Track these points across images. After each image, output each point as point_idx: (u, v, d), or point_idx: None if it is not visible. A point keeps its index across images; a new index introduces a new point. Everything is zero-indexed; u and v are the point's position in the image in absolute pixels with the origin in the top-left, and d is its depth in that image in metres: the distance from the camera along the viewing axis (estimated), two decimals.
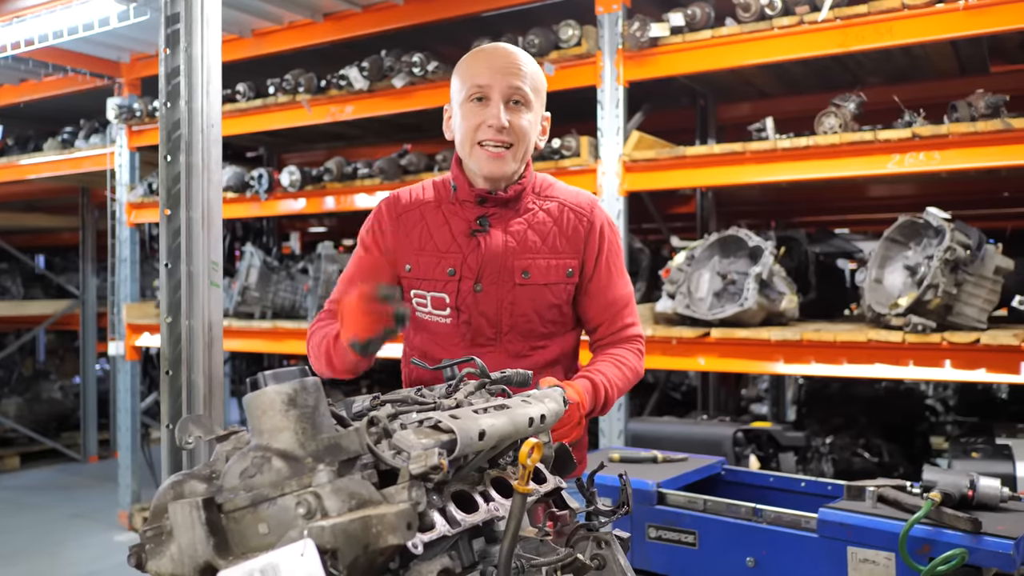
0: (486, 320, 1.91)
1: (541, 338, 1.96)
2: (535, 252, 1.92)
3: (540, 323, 1.94)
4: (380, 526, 0.94)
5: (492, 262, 1.90)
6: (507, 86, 1.86)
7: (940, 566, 1.99)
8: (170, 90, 2.12)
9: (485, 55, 1.92)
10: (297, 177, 5.17)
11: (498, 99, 1.85)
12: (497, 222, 1.93)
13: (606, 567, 1.36)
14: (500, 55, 1.90)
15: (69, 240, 8.77)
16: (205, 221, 2.14)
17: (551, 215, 1.96)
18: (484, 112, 1.86)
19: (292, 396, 1.02)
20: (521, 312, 1.92)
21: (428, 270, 1.93)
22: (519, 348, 1.94)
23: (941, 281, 3.37)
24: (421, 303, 1.96)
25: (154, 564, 1.04)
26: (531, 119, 1.90)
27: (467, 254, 1.91)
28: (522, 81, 1.87)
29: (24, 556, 5.17)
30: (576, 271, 1.96)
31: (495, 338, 1.92)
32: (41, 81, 6.32)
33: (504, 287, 1.91)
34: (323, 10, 4.90)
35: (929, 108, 3.69)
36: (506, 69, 1.87)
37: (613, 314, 2.01)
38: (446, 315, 1.93)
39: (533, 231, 1.94)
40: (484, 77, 1.86)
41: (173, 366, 2.15)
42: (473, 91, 1.87)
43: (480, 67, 1.88)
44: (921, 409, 5.63)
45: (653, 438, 3.80)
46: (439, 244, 1.94)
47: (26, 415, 8.06)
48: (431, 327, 1.96)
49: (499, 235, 1.92)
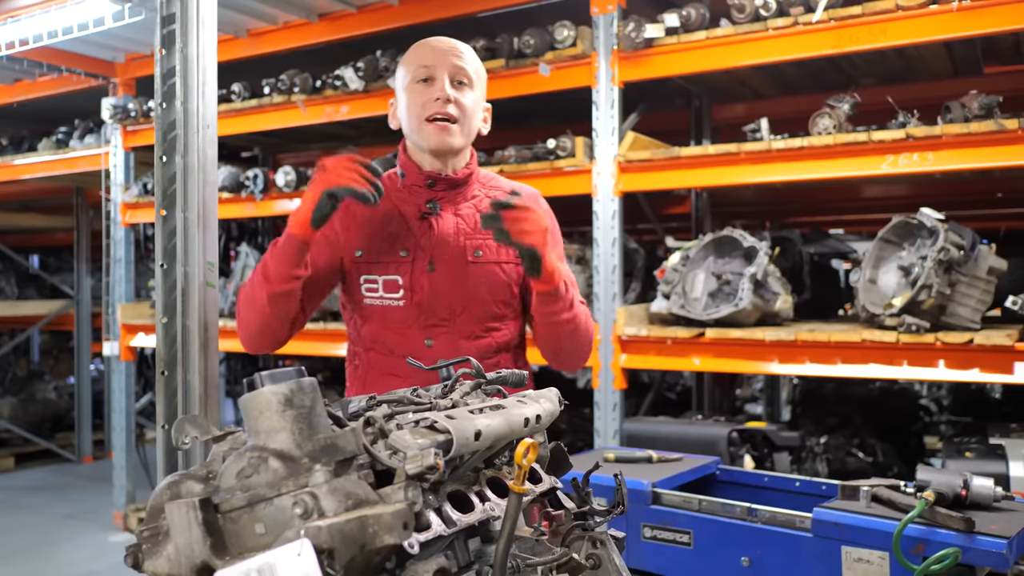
0: (439, 301, 1.95)
1: (494, 319, 2.01)
2: (486, 233, 1.96)
3: (493, 303, 2.00)
4: (376, 526, 0.94)
5: (444, 242, 1.97)
6: (451, 65, 1.97)
7: (933, 565, 2.00)
8: (166, 91, 2.12)
9: (429, 42, 2.03)
10: (292, 177, 5.17)
11: (443, 76, 1.96)
12: (447, 205, 2.01)
13: (601, 567, 1.37)
14: (444, 41, 2.02)
15: (64, 240, 8.75)
16: (201, 222, 2.14)
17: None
18: (431, 90, 1.96)
19: (289, 396, 1.02)
20: (474, 291, 1.97)
21: (380, 253, 1.98)
22: (473, 329, 1.98)
23: (935, 281, 3.39)
24: (372, 288, 1.98)
25: (151, 564, 1.04)
26: (475, 99, 2.01)
27: (419, 236, 1.97)
28: (464, 62, 1.99)
29: (19, 557, 5.16)
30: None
31: (449, 319, 1.96)
32: (36, 81, 6.30)
33: (457, 266, 1.96)
34: (318, 10, 4.90)
35: (923, 109, 3.70)
36: (450, 51, 1.99)
37: None
38: (399, 297, 1.96)
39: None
40: (429, 59, 1.97)
41: (169, 367, 2.15)
42: (419, 72, 1.97)
43: (425, 51, 2.00)
44: (915, 409, 5.64)
45: (648, 438, 3.80)
46: (390, 228, 1.99)
47: (20, 416, 8.04)
48: (383, 312, 1.98)
49: (450, 217, 2.00)
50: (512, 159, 4.45)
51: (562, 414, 4.61)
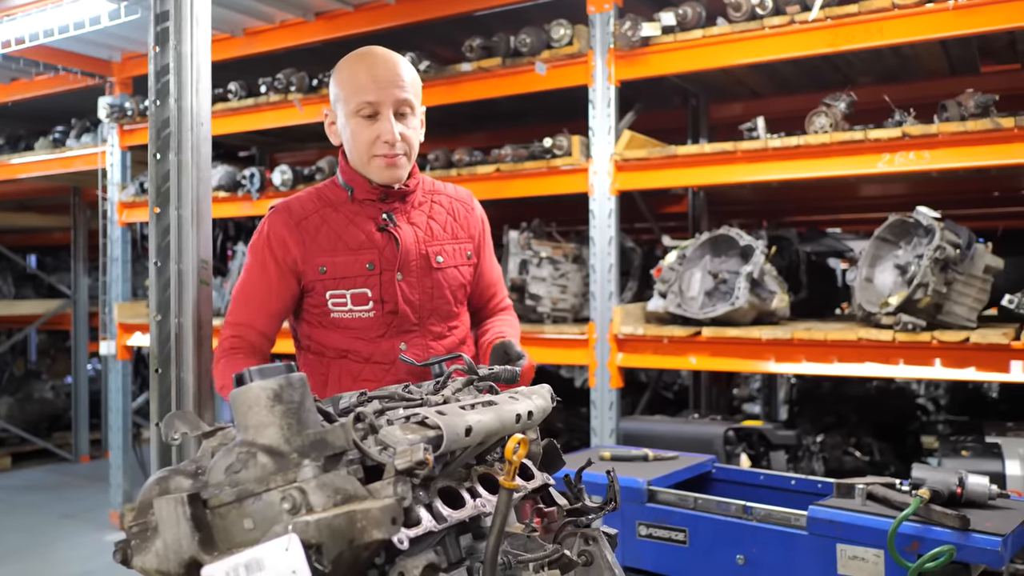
0: (410, 307, 2.03)
1: (454, 318, 2.13)
2: (441, 239, 2.10)
3: (453, 303, 2.12)
4: (365, 521, 0.94)
5: (409, 252, 2.04)
6: (395, 99, 1.96)
7: (928, 563, 2.00)
8: (159, 88, 2.12)
9: (367, 67, 1.98)
10: (289, 176, 5.17)
11: (388, 113, 1.96)
12: (400, 216, 2.06)
13: (593, 563, 1.37)
14: (383, 67, 1.98)
15: (61, 239, 8.74)
16: (195, 219, 2.13)
17: (444, 207, 2.15)
18: (376, 127, 1.97)
19: (278, 392, 1.02)
20: (440, 295, 2.07)
21: (346, 268, 2.01)
22: (439, 330, 2.09)
23: (931, 280, 3.38)
24: (340, 303, 2.01)
25: (139, 560, 1.04)
26: (416, 125, 2.04)
27: (382, 248, 2.03)
28: (406, 91, 1.98)
29: (15, 556, 5.15)
30: (474, 253, 2.17)
31: (418, 323, 2.05)
32: (32, 80, 6.29)
33: (424, 274, 2.05)
34: (315, 9, 4.89)
35: (920, 108, 3.70)
36: (392, 82, 1.96)
37: (493, 293, 2.28)
38: (368, 309, 2.02)
39: (434, 221, 2.11)
40: (372, 93, 1.95)
41: (162, 364, 2.14)
42: (362, 107, 1.96)
43: (365, 81, 1.96)
44: (912, 408, 5.64)
45: (644, 437, 3.80)
46: (350, 243, 2.02)
47: (17, 415, 8.03)
48: (352, 324, 2.03)
49: (406, 226, 2.06)
50: (508, 158, 4.45)
51: (559, 413, 4.65)
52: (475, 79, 4.44)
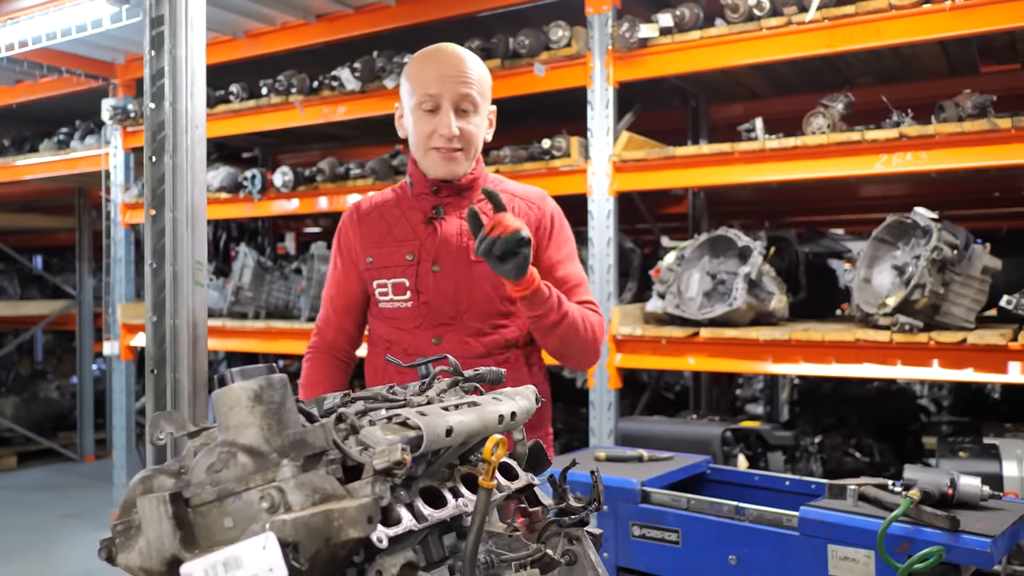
0: (444, 300, 2.02)
1: (500, 317, 2.05)
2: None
3: (497, 301, 2.04)
4: (341, 520, 0.95)
5: (448, 244, 2.02)
6: (456, 94, 1.96)
7: (917, 564, 2.01)
8: (155, 91, 2.14)
9: (434, 62, 1.99)
10: (290, 178, 5.19)
11: (448, 107, 1.96)
12: (452, 210, 2.06)
13: (577, 563, 1.38)
14: (449, 62, 1.98)
15: (66, 240, 8.78)
16: (190, 221, 2.15)
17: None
18: (435, 121, 1.97)
19: (258, 393, 1.03)
20: (479, 289, 2.02)
21: (389, 258, 2.06)
22: (479, 327, 2.03)
23: (928, 281, 3.39)
24: (383, 292, 2.07)
25: (123, 558, 1.05)
26: (479, 122, 2.02)
27: (424, 239, 2.04)
28: (470, 88, 1.97)
29: (19, 555, 5.19)
30: (530, 252, 2.00)
31: (455, 317, 2.02)
32: (36, 82, 6.33)
33: (461, 267, 2.02)
34: (316, 11, 4.92)
35: (920, 108, 3.70)
36: (455, 78, 1.96)
37: (566, 291, 2.05)
38: (406, 299, 2.04)
39: (486, 216, 1.98)
40: (434, 86, 1.96)
41: (158, 365, 2.16)
42: (424, 100, 1.97)
43: (429, 75, 1.97)
44: (913, 409, 5.63)
45: (642, 437, 3.81)
46: (398, 235, 2.07)
47: (23, 415, 8.07)
48: (393, 314, 2.07)
49: (454, 220, 2.05)
50: (508, 159, 4.47)
51: (559, 413, 4.67)
52: None
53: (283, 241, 8.26)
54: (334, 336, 2.18)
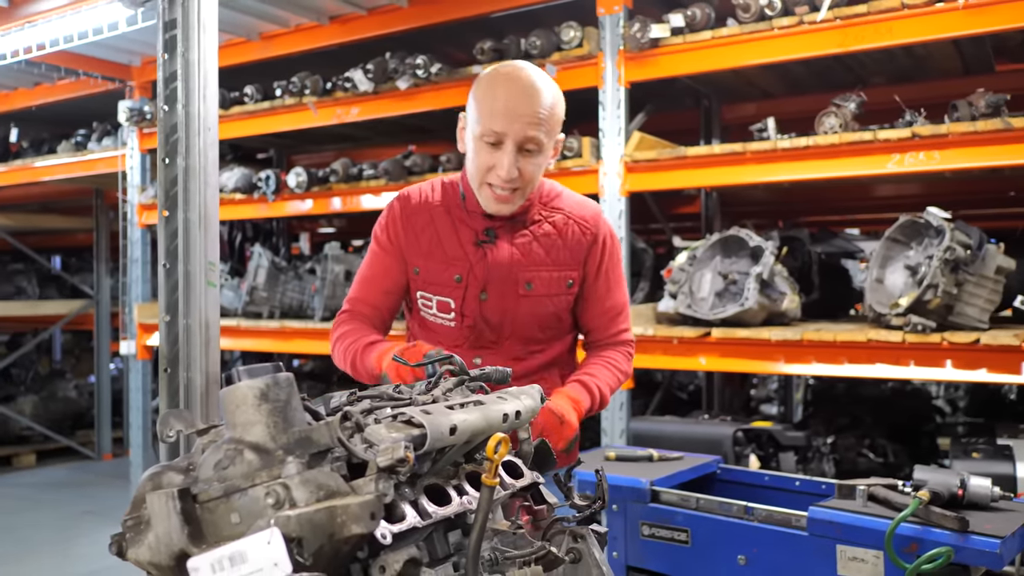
0: (489, 326, 2.00)
1: (538, 343, 2.05)
2: (539, 264, 2.00)
3: (539, 330, 2.03)
4: (345, 516, 0.97)
5: (497, 273, 1.97)
6: (522, 136, 1.84)
7: (925, 564, 2.01)
8: (168, 94, 2.16)
9: (505, 93, 1.85)
10: (304, 178, 5.22)
11: (511, 147, 1.85)
12: (504, 233, 2.00)
13: (581, 561, 1.39)
14: (520, 97, 1.84)
15: (84, 241, 8.86)
16: (202, 222, 2.18)
17: (556, 227, 2.02)
18: (496, 157, 1.87)
19: (264, 391, 1.05)
20: (522, 321, 2.00)
21: (435, 275, 2.01)
22: (518, 352, 2.03)
23: (941, 281, 3.37)
24: (427, 305, 2.04)
25: (133, 552, 1.07)
26: (541, 161, 1.92)
27: (474, 263, 1.98)
28: (538, 129, 1.85)
29: (37, 552, 5.25)
30: (577, 282, 2.04)
31: (496, 342, 2.01)
32: (54, 84, 6.40)
33: (508, 298, 1.99)
34: (329, 13, 4.95)
35: (934, 108, 3.69)
36: (524, 117, 1.83)
37: (608, 320, 2.11)
38: (450, 319, 2.01)
39: (538, 243, 2.01)
40: (500, 123, 1.84)
41: (171, 364, 2.19)
42: (487, 134, 1.86)
43: (497, 108, 1.84)
44: (928, 409, 5.61)
45: (654, 437, 3.82)
46: (447, 250, 2.00)
47: (42, 413, 8.15)
48: (435, 327, 2.05)
49: (505, 247, 1.99)
50: None
51: None
52: None
53: (297, 241, 8.31)
54: (369, 312, 2.08)
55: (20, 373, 8.82)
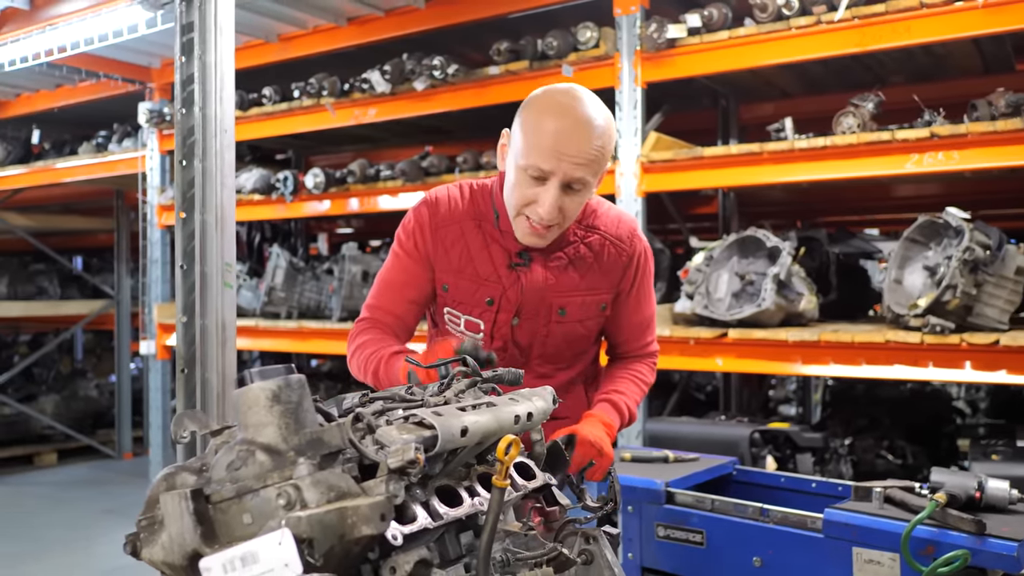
0: (518, 349, 1.97)
1: (566, 361, 2.03)
2: (573, 289, 1.94)
3: (569, 352, 2.01)
4: (355, 517, 0.98)
5: (531, 298, 1.91)
6: (569, 177, 1.74)
7: (942, 567, 1.99)
8: (185, 97, 2.18)
9: (555, 131, 1.73)
10: (321, 179, 5.25)
11: (556, 186, 1.75)
12: (538, 256, 1.92)
13: (593, 562, 1.39)
14: (572, 138, 1.73)
15: (105, 241, 8.94)
16: (219, 224, 2.19)
17: (592, 249, 1.95)
18: (537, 192, 1.77)
19: (276, 393, 1.06)
20: (553, 344, 1.97)
21: (466, 294, 1.94)
22: (545, 371, 2.00)
23: (960, 282, 3.35)
24: (454, 321, 1.97)
25: (147, 552, 1.09)
26: (584, 198, 1.84)
27: (507, 287, 1.91)
28: (586, 170, 1.75)
29: (59, 550, 5.30)
30: (609, 304, 2.00)
31: (524, 363, 1.97)
32: (76, 86, 6.47)
33: (540, 322, 1.94)
34: (347, 15, 4.97)
35: (953, 107, 3.66)
36: (573, 157, 1.72)
37: (637, 334, 2.09)
38: (478, 337, 1.94)
39: (573, 267, 1.94)
40: (548, 162, 1.73)
41: (188, 365, 2.21)
42: (532, 169, 1.75)
43: (546, 144, 1.73)
44: (948, 411, 5.56)
45: (670, 438, 3.81)
46: (479, 270, 1.92)
47: (63, 413, 8.23)
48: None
49: (539, 271, 1.91)
50: None
51: None
52: (503, 82, 4.48)
53: (315, 242, 8.34)
54: (392, 321, 1.97)
55: (42, 372, 8.92)
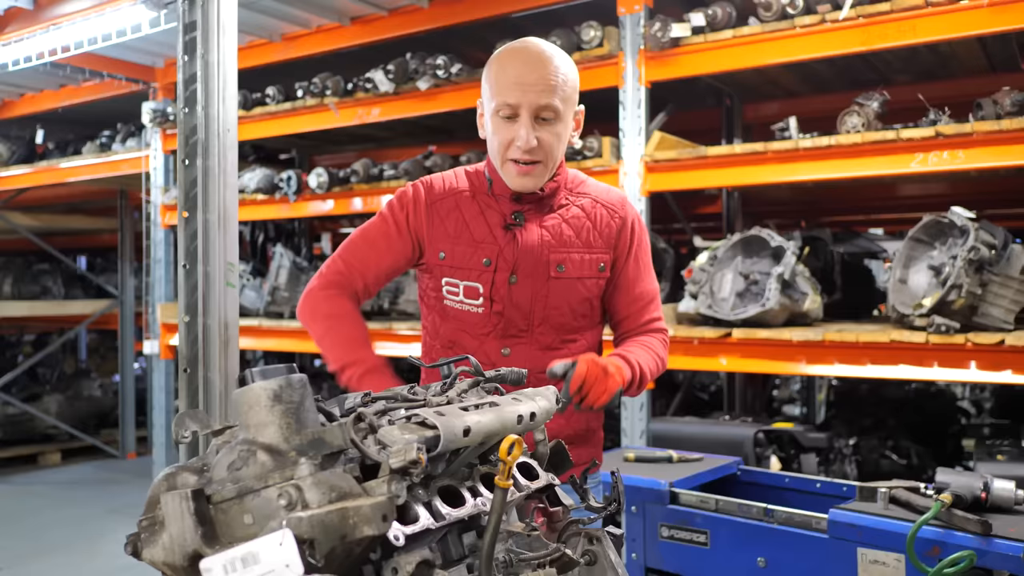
0: (519, 312, 1.95)
1: (571, 331, 1.99)
2: (569, 246, 1.96)
3: (571, 316, 1.98)
4: (356, 517, 0.97)
5: (528, 255, 1.94)
6: (536, 105, 1.84)
7: (947, 568, 1.98)
8: (188, 96, 2.18)
9: (515, 67, 1.86)
10: (325, 179, 5.24)
11: (527, 118, 1.84)
12: (532, 216, 1.97)
13: (596, 563, 1.38)
14: (531, 67, 1.85)
15: (109, 241, 8.95)
16: (221, 223, 2.19)
17: (584, 211, 1.99)
18: (513, 130, 1.86)
19: (277, 392, 1.05)
20: (554, 305, 1.96)
21: (463, 259, 1.96)
22: (550, 341, 1.97)
23: (965, 281, 3.34)
24: (453, 291, 1.98)
25: (148, 553, 1.08)
26: (560, 130, 1.90)
27: (503, 246, 1.94)
28: (552, 96, 1.84)
29: (62, 550, 5.31)
30: (608, 266, 2.00)
31: (527, 330, 1.96)
32: (79, 86, 6.47)
33: (539, 280, 1.94)
34: (350, 14, 4.97)
35: (958, 106, 3.65)
36: (535, 85, 1.83)
37: (640, 308, 2.06)
38: (479, 304, 1.96)
39: (567, 225, 1.97)
40: (513, 95, 1.84)
41: (191, 364, 2.20)
42: (501, 108, 1.86)
43: (509, 81, 1.85)
44: (953, 411, 5.54)
45: (674, 438, 3.80)
46: (475, 234, 1.96)
47: (67, 412, 8.24)
48: (462, 316, 1.99)
49: (535, 229, 1.96)
50: None
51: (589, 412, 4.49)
52: None
53: (319, 241, 8.34)
54: (359, 285, 2.02)
55: (46, 372, 8.93)
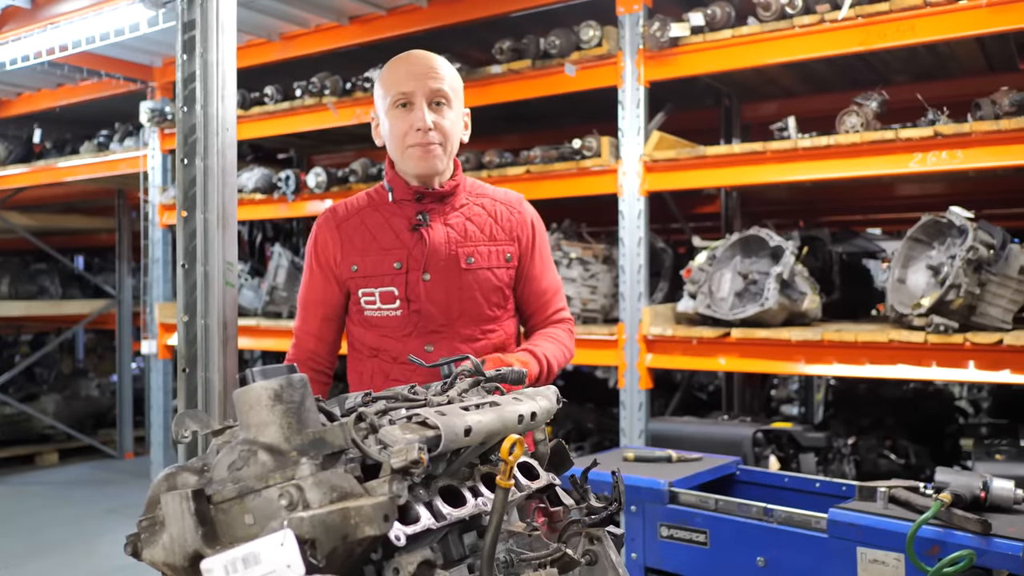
0: (436, 308, 2.03)
1: (489, 322, 2.09)
2: (475, 241, 2.07)
3: (487, 306, 2.08)
4: (358, 518, 0.97)
5: (437, 252, 2.03)
6: (428, 89, 1.99)
7: (947, 567, 1.98)
8: (186, 95, 2.17)
9: (404, 63, 2.04)
10: (323, 179, 5.24)
11: (421, 102, 1.99)
12: (435, 216, 2.06)
13: (597, 563, 1.38)
14: (419, 62, 2.03)
15: (106, 241, 8.92)
16: (220, 223, 2.19)
17: (485, 208, 2.11)
18: (410, 116, 2.00)
19: (278, 392, 1.05)
20: (469, 296, 2.05)
21: (375, 267, 2.05)
22: (471, 332, 2.06)
23: (963, 281, 3.34)
24: (370, 301, 2.07)
25: (148, 553, 1.08)
26: (453, 117, 2.04)
27: (412, 248, 2.03)
28: (441, 83, 2.01)
29: (60, 550, 5.30)
30: (514, 257, 2.11)
31: (446, 324, 2.04)
32: (77, 86, 6.46)
33: (452, 274, 2.04)
34: (349, 13, 4.96)
35: (957, 106, 3.65)
36: (425, 74, 2.00)
37: (546, 301, 2.19)
38: (396, 308, 2.04)
39: (471, 223, 2.09)
40: (406, 84, 1.99)
41: (189, 364, 2.20)
42: (397, 98, 2.00)
43: (400, 75, 2.01)
44: (951, 410, 5.55)
45: (673, 438, 3.80)
46: (383, 243, 2.05)
47: (64, 412, 8.22)
48: (382, 323, 2.06)
49: (440, 227, 2.05)
50: (538, 159, 4.47)
51: (590, 413, 4.67)
52: (505, 81, 4.47)
53: None
54: (315, 346, 2.14)
55: (43, 372, 8.91)
